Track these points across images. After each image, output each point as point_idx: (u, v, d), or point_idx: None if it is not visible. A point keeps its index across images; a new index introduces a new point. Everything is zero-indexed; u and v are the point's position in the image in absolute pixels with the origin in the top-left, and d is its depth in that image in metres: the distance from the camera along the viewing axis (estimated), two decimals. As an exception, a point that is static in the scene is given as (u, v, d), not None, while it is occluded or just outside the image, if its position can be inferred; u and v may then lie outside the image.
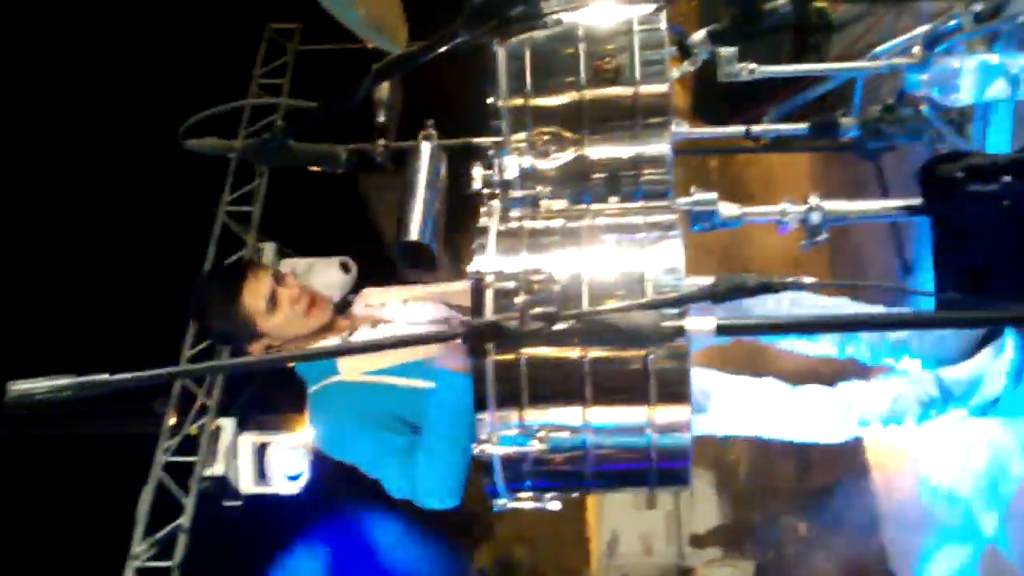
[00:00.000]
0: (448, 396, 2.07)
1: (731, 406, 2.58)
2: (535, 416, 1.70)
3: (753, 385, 2.63)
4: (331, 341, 2.33)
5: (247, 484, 5.25)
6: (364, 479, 2.25)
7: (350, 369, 2.23)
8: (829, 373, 2.80)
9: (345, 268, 5.08)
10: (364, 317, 2.40)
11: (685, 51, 2.08)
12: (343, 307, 2.44)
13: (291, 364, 2.30)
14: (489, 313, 1.62)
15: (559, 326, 1.43)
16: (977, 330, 2.51)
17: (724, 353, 2.84)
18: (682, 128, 2.60)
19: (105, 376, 1.20)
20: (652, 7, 1.90)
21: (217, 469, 5.31)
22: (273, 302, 2.24)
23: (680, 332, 1.42)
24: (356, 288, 2.55)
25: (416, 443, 2.14)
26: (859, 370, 2.78)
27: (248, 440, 5.31)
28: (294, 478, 5.06)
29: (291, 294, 2.27)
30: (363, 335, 2.33)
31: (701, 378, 2.53)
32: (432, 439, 2.11)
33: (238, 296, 2.22)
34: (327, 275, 5.04)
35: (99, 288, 5.87)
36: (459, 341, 1.99)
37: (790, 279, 1.47)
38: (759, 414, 2.63)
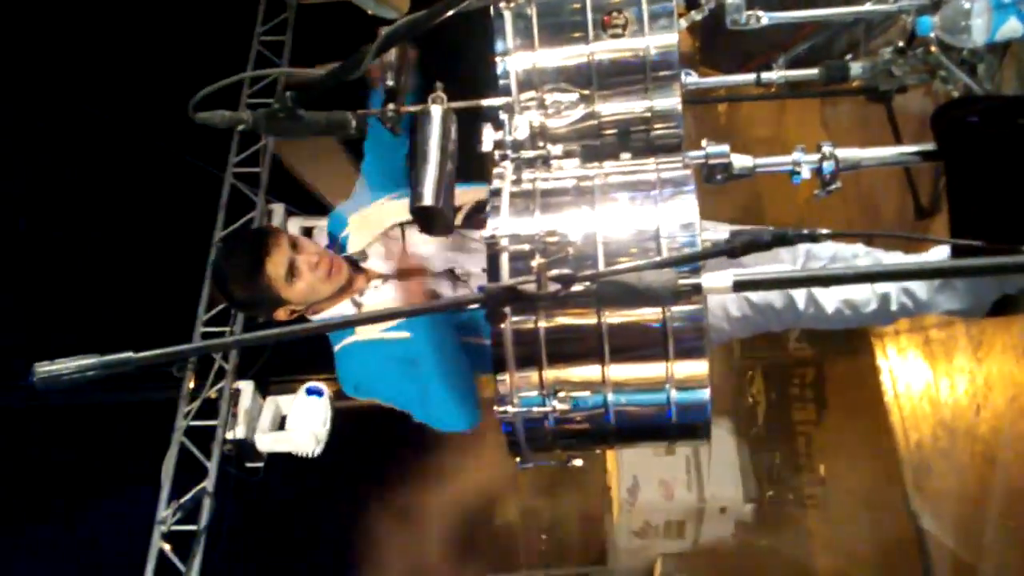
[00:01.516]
0: (427, 332, 2.15)
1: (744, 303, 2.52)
2: (555, 376, 1.72)
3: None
4: (346, 304, 2.37)
5: (268, 445, 5.32)
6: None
7: (366, 328, 2.29)
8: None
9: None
10: (374, 274, 2.43)
11: (692, 1, 2.05)
12: (361, 259, 2.45)
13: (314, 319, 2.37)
14: (505, 276, 1.63)
15: (576, 287, 1.44)
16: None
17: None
18: (691, 78, 2.58)
19: (129, 354, 1.22)
20: (658, -41, 1.86)
21: (238, 432, 5.37)
22: (293, 271, 2.27)
23: (696, 290, 1.43)
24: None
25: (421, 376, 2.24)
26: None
27: (269, 401, 5.37)
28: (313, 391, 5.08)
29: (310, 260, 2.29)
30: (374, 298, 2.37)
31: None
32: (428, 373, 2.20)
33: (260, 268, 2.24)
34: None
35: (112, 258, 5.90)
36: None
37: (806, 230, 1.47)
38: (776, 307, 2.52)
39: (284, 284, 2.27)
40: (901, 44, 2.61)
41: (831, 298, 2.49)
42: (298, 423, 4.95)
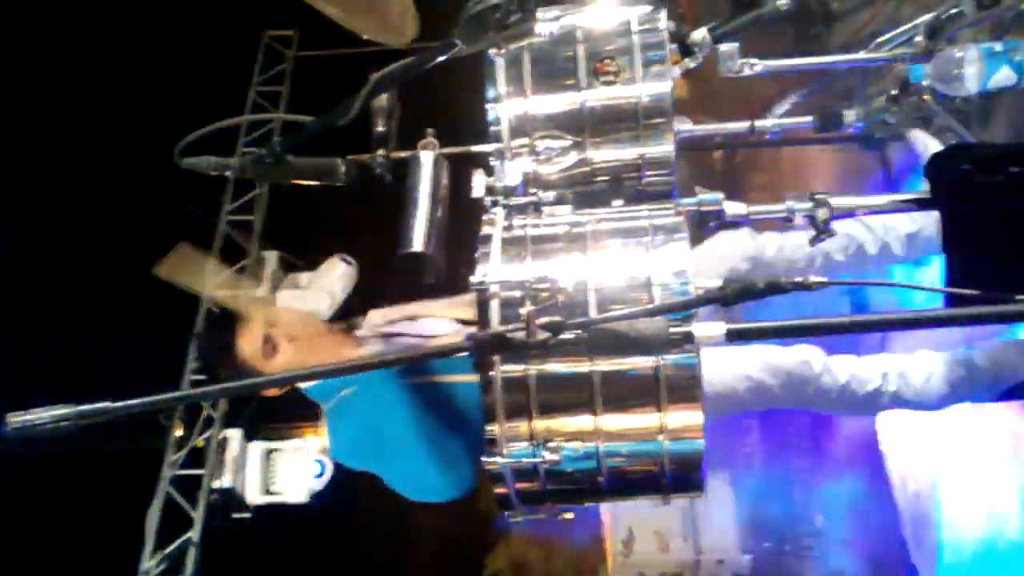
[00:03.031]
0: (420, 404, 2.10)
1: (765, 367, 2.48)
2: (545, 426, 1.68)
3: (788, 348, 2.53)
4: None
5: (256, 495, 5.24)
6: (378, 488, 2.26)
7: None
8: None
9: (347, 261, 5.06)
10: (373, 336, 2.38)
11: (685, 48, 2.04)
12: (349, 328, 2.40)
13: (303, 388, 2.31)
14: (495, 323, 1.60)
15: (566, 335, 1.41)
16: None
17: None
18: (685, 125, 2.57)
19: (106, 404, 1.18)
20: (651, 7, 1.86)
21: (225, 481, 5.30)
22: (270, 346, 2.22)
23: (688, 338, 1.40)
24: (361, 308, 2.51)
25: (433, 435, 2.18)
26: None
27: (256, 448, 5.30)
28: (319, 475, 5.02)
29: (288, 333, 2.24)
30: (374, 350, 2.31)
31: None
32: (442, 442, 2.14)
33: (232, 349, 2.20)
34: (331, 272, 5.02)
35: (100, 304, 5.85)
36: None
37: (798, 279, 1.45)
38: (795, 374, 2.50)
39: (263, 363, 2.21)
40: (895, 92, 2.62)
41: (843, 370, 2.50)
42: (288, 482, 4.92)
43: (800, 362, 2.47)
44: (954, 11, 2.62)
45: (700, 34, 1.97)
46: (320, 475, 5.11)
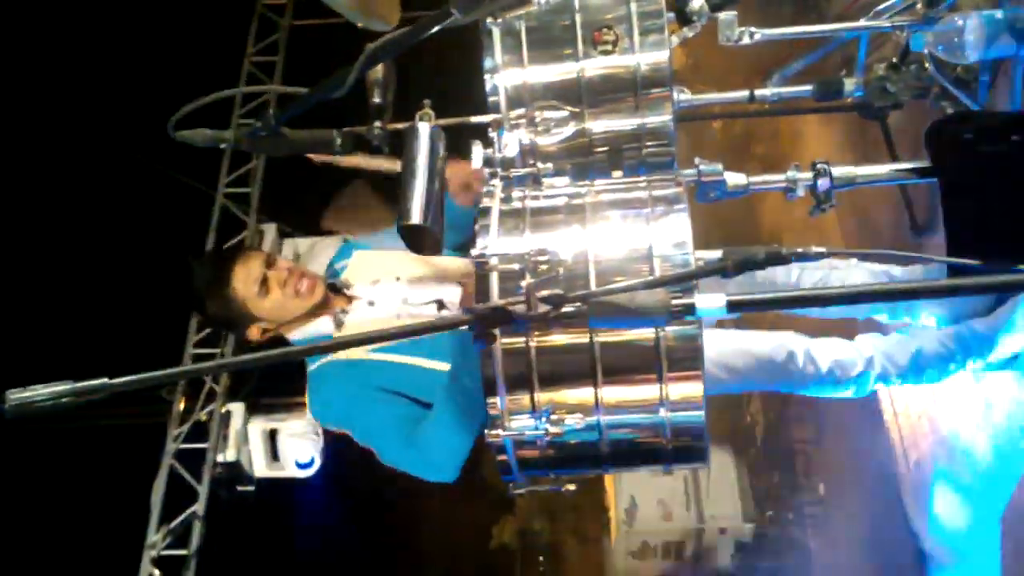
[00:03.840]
0: (464, 375, 2.04)
1: (749, 356, 2.49)
2: (547, 398, 1.68)
3: (771, 336, 2.55)
4: (325, 321, 2.30)
5: (260, 468, 5.27)
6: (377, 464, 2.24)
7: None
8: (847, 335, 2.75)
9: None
10: (358, 295, 2.36)
11: (683, 17, 2.02)
12: (343, 287, 2.39)
13: (291, 338, 2.30)
14: (495, 297, 1.59)
15: (566, 308, 1.41)
16: None
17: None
18: (684, 95, 2.55)
19: (104, 380, 1.18)
20: (649, -25, 1.84)
21: (229, 455, 5.32)
22: (264, 286, 2.22)
23: (690, 310, 1.39)
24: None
25: (419, 415, 2.14)
26: (877, 328, 2.75)
27: (259, 425, 5.32)
28: (305, 466, 5.05)
29: (280, 277, 2.25)
30: (359, 314, 2.30)
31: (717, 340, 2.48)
32: (445, 415, 2.09)
33: (229, 282, 2.21)
34: (329, 252, 5.00)
35: (102, 280, 5.86)
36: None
37: (800, 249, 1.44)
38: (778, 362, 2.51)
39: (254, 299, 2.23)
40: (895, 60, 2.60)
41: (826, 357, 2.51)
42: (289, 450, 4.92)
43: (781, 351, 2.49)
44: (956, -23, 2.60)
45: (698, 2, 1.95)
46: (307, 465, 5.11)
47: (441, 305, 2.28)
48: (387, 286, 2.32)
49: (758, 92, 2.67)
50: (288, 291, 2.25)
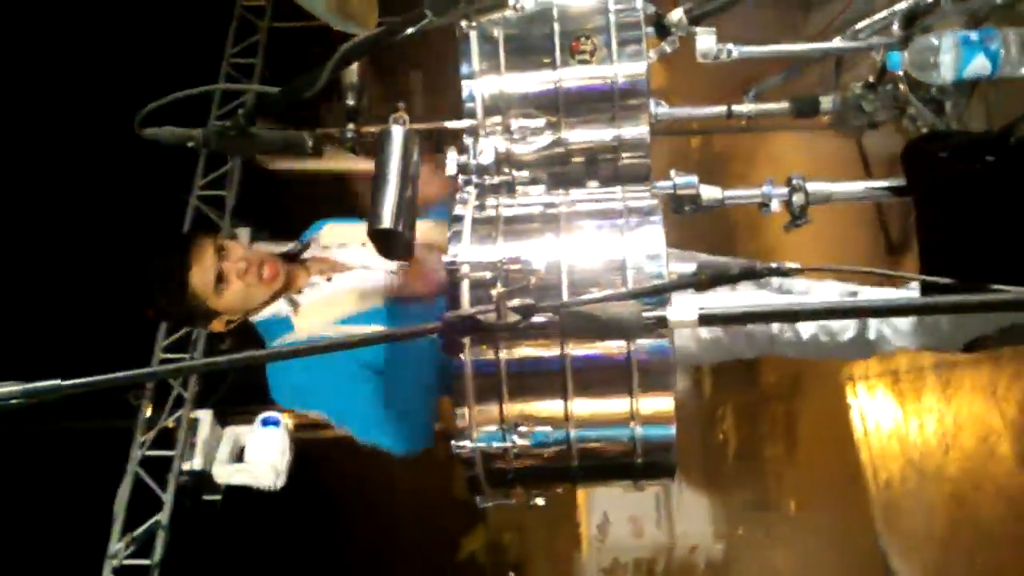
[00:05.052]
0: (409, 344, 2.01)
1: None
2: (516, 410, 1.65)
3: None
4: (281, 304, 2.24)
5: (227, 477, 5.18)
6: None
7: (309, 323, 2.18)
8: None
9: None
10: (319, 263, 2.32)
11: (662, 30, 2.02)
12: (302, 251, 2.35)
13: (252, 320, 2.25)
14: (465, 305, 1.57)
15: (537, 318, 1.39)
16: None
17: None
18: (662, 108, 2.55)
19: (56, 382, 1.14)
20: (629, -17, 1.83)
21: (195, 463, 5.23)
22: (221, 280, 2.15)
23: (662, 322, 1.38)
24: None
25: (387, 385, 2.11)
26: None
27: (228, 430, 5.24)
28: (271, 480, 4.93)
29: (238, 267, 2.17)
30: (315, 293, 2.25)
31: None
32: (397, 386, 2.09)
33: (184, 282, 2.12)
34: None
35: (69, 282, 5.77)
36: (419, 265, 1.97)
37: (774, 264, 1.43)
38: (751, 338, 2.43)
39: (213, 295, 2.15)
40: (871, 79, 2.60)
41: (808, 323, 2.39)
42: (256, 455, 4.82)
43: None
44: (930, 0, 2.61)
45: (677, 15, 1.95)
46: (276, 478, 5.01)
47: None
48: (353, 249, 2.28)
49: (736, 107, 2.67)
50: (250, 279, 2.18)
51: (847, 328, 2.41)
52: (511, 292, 1.43)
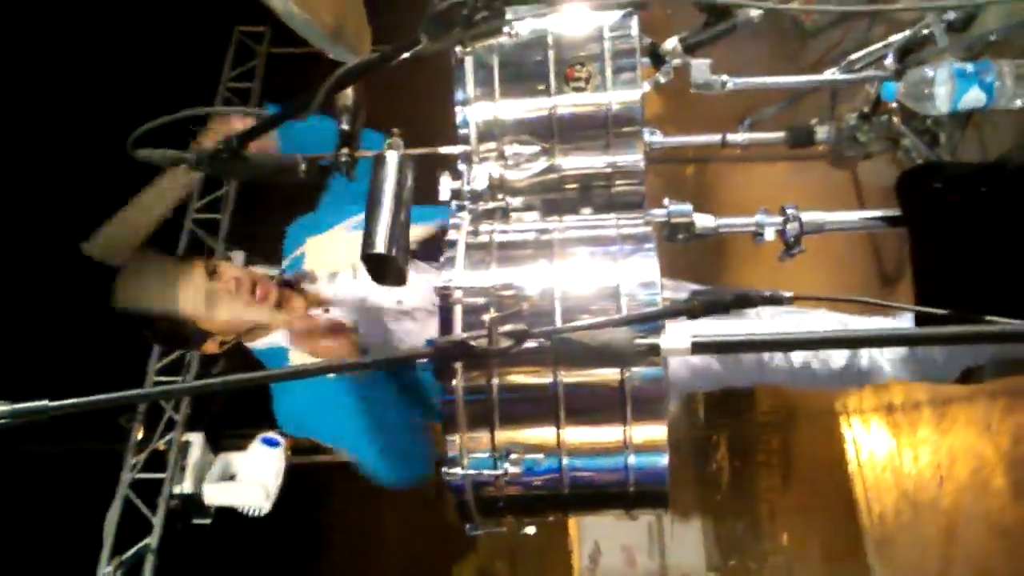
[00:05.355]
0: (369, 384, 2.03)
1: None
2: (508, 437, 1.64)
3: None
4: (282, 335, 2.24)
5: (218, 500, 5.14)
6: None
7: (303, 356, 2.18)
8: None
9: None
10: (313, 296, 2.30)
11: (658, 59, 2.02)
12: (296, 281, 2.33)
13: (250, 347, 2.24)
14: (458, 331, 1.56)
15: (530, 344, 1.38)
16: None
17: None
18: (656, 137, 2.55)
19: (43, 403, 1.13)
20: (623, 13, 1.84)
21: (186, 486, 5.20)
22: (212, 301, 2.14)
23: (654, 350, 1.37)
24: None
25: (387, 416, 2.12)
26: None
27: (221, 457, 5.21)
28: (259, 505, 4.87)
29: (228, 288, 2.16)
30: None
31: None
32: (396, 420, 2.10)
33: (174, 304, 2.11)
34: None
35: (62, 303, 5.74)
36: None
37: (768, 292, 1.43)
38: (741, 366, 2.40)
39: (203, 318, 2.15)
40: (866, 110, 2.62)
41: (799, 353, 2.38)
42: (250, 473, 4.78)
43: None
44: (925, 32, 2.63)
45: (672, 43, 1.95)
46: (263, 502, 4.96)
47: (401, 305, 2.23)
48: (345, 282, 2.26)
49: (730, 137, 2.68)
50: (241, 300, 2.16)
51: (839, 356, 2.39)
52: (503, 318, 1.43)
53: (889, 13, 3.04)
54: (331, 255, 2.34)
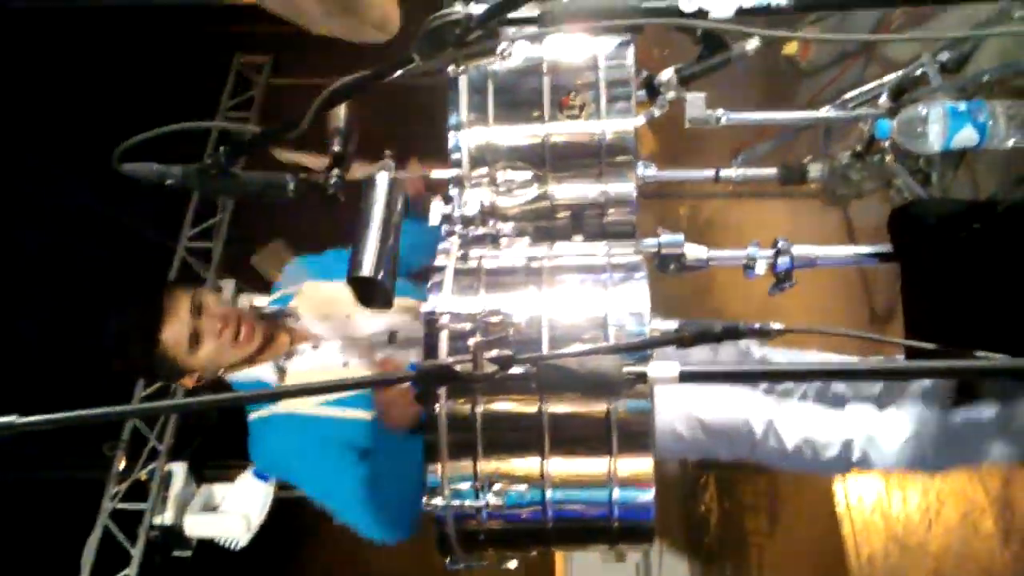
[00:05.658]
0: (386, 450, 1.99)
1: (700, 426, 2.32)
2: (491, 468, 1.61)
3: (732, 401, 2.36)
4: (267, 368, 2.21)
5: (196, 527, 5.06)
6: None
7: (294, 400, 2.12)
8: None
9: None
10: (302, 334, 2.27)
11: (652, 90, 2.02)
12: (285, 316, 2.30)
13: (229, 380, 2.21)
14: (443, 356, 1.54)
15: (515, 370, 1.35)
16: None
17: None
18: (650, 171, 2.55)
19: (12, 418, 1.09)
20: (618, 42, 1.84)
21: (167, 517, 5.12)
22: (196, 338, 2.10)
23: (642, 378, 1.35)
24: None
25: (372, 471, 2.07)
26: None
27: (204, 488, 5.14)
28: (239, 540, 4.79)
29: (213, 327, 2.12)
30: (303, 362, 2.21)
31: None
32: (380, 473, 2.04)
33: (155, 339, 2.07)
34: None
35: (51, 328, 5.70)
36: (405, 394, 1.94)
37: (757, 325, 1.41)
38: (735, 434, 2.34)
39: (185, 355, 2.10)
40: (859, 149, 2.62)
41: (793, 433, 2.33)
42: (234, 504, 4.71)
43: (740, 422, 2.33)
44: (919, 73, 2.65)
45: (667, 74, 1.95)
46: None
47: (393, 337, 2.20)
48: (337, 323, 2.23)
49: (724, 172, 2.67)
50: (224, 340, 2.13)
51: (831, 445, 2.33)
52: (489, 343, 1.41)
53: (884, 53, 3.07)
54: (326, 302, 2.30)
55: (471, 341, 1.48)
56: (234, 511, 4.77)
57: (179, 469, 5.16)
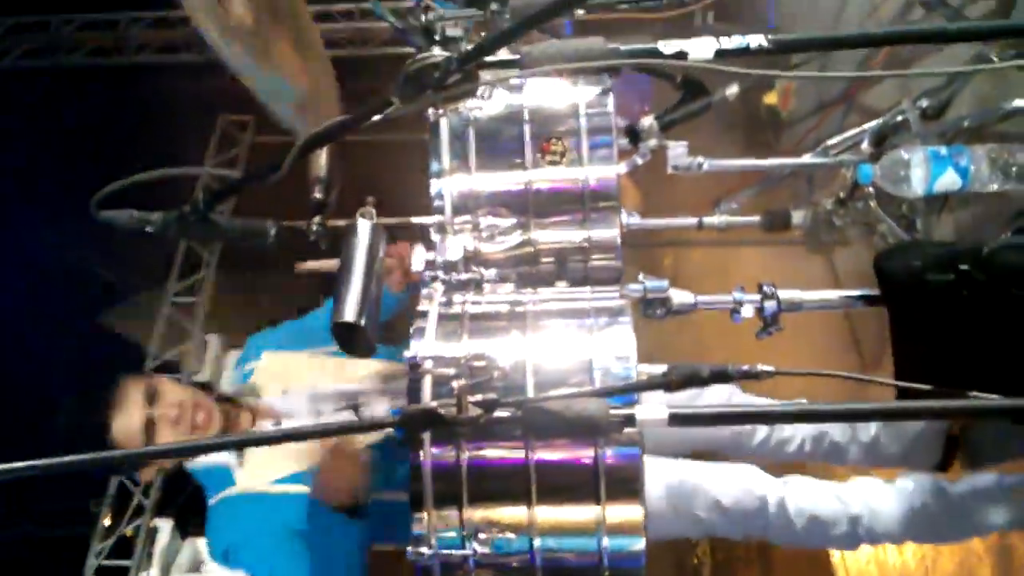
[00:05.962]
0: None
1: (714, 505, 2.32)
2: (478, 517, 1.58)
3: (738, 476, 2.37)
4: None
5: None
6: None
7: (251, 478, 2.07)
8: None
9: None
10: (264, 411, 2.22)
11: (634, 136, 2.02)
12: (244, 395, 2.25)
13: (188, 468, 2.16)
14: (427, 400, 1.52)
15: (500, 413, 1.34)
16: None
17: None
18: (634, 218, 2.55)
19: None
20: (599, 91, 1.85)
21: (152, 574, 5.01)
22: (150, 431, 2.03)
23: (630, 421, 1.33)
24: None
25: (327, 556, 1.99)
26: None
27: (188, 543, 5.05)
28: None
29: (168, 415, 2.06)
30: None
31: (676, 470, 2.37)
32: (322, 557, 1.97)
33: (107, 430, 2.02)
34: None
35: (33, 381, 5.64)
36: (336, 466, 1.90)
37: (745, 367, 1.40)
38: (747, 512, 2.34)
39: (141, 445, 2.03)
40: (842, 195, 2.63)
41: (801, 511, 2.33)
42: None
43: (750, 498, 2.34)
44: (900, 119, 2.68)
45: (648, 121, 1.96)
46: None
47: (356, 406, 2.16)
48: (298, 396, 2.19)
49: (707, 219, 2.67)
50: (182, 429, 2.06)
51: (839, 523, 2.35)
52: (473, 387, 1.39)
53: (863, 101, 3.11)
54: (286, 373, 2.26)
55: (455, 384, 1.46)
56: (218, 571, 4.67)
57: (165, 525, 5.06)
